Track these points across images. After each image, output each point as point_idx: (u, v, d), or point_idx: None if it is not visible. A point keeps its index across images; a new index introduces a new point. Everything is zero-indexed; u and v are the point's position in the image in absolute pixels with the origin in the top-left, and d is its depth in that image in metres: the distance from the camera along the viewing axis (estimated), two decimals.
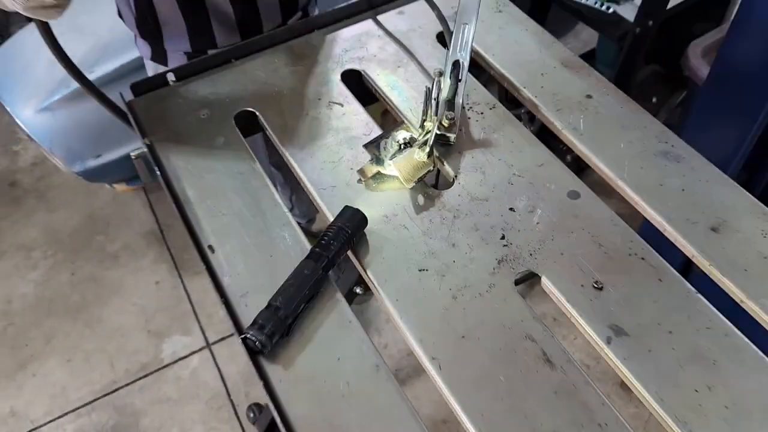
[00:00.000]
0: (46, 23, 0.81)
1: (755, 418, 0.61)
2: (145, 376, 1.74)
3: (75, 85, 1.59)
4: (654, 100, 2.17)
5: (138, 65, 1.57)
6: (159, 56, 1.16)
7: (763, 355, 0.64)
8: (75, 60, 1.60)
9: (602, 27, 1.81)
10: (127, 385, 1.73)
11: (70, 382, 1.74)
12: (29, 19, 1.35)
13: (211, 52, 1.13)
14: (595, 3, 1.80)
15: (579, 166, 0.95)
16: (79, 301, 1.89)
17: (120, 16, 1.16)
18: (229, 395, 1.71)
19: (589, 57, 2.26)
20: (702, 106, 1.41)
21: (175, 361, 1.76)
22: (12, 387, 1.74)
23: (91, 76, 1.55)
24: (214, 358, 1.77)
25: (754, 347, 0.65)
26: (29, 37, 1.66)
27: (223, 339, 1.81)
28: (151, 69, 1.21)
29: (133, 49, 1.56)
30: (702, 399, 0.62)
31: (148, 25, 1.11)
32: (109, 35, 1.59)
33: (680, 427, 0.60)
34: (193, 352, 1.78)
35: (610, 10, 1.78)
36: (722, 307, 0.68)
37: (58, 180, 2.21)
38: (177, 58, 1.15)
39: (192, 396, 1.70)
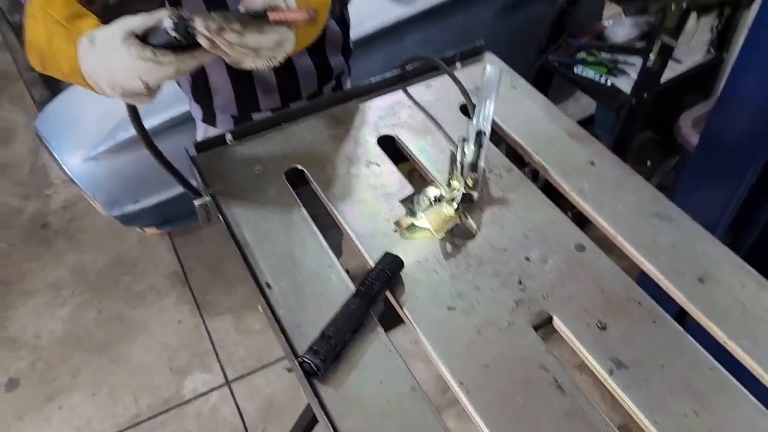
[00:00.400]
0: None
1: None
2: (167, 410, 1.82)
3: (120, 138, 1.75)
4: (648, 163, 2.33)
5: (179, 121, 1.73)
6: (209, 118, 1.30)
7: (742, 387, 0.76)
8: (122, 114, 1.76)
9: (601, 97, 1.98)
10: (149, 419, 1.81)
11: (95, 415, 1.82)
12: None
13: (255, 115, 1.27)
14: (595, 75, 1.97)
15: (580, 221, 1.08)
16: (105, 337, 1.99)
17: (177, 82, 1.30)
18: (246, 431, 1.78)
19: (588, 122, 2.43)
20: (692, 172, 1.56)
21: (196, 397, 1.85)
22: (40, 419, 1.82)
23: None
24: (233, 395, 1.85)
25: (735, 380, 0.76)
26: (79, 94, 1.81)
27: (241, 377, 1.90)
28: (201, 129, 1.35)
29: (175, 107, 1.72)
30: (690, 423, 0.73)
31: (201, 92, 1.24)
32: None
33: None
34: (213, 389, 1.87)
35: (609, 83, 1.95)
36: (708, 345, 0.80)
37: (87, 223, 2.34)
38: (225, 120, 1.29)
39: (211, 431, 1.77)
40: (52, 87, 1.89)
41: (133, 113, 0.96)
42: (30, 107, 2.88)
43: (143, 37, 0.76)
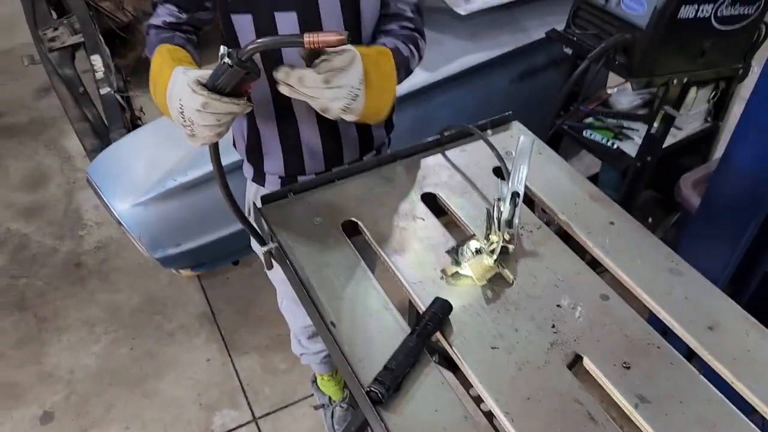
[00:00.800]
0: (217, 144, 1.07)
1: None
2: None
3: (167, 186, 1.88)
4: (650, 220, 2.47)
5: (228, 170, 1.87)
6: (259, 178, 1.42)
7: (749, 421, 0.88)
8: (170, 164, 1.92)
9: (608, 159, 2.14)
10: None
11: None
12: (128, 130, 1.77)
13: (300, 177, 1.40)
14: (602, 139, 2.14)
15: (594, 266, 1.20)
16: (137, 373, 2.08)
17: (234, 145, 1.44)
18: None
19: (593, 180, 2.59)
20: (694, 230, 1.70)
21: None
22: None
23: (185, 179, 1.86)
24: None
25: (742, 415, 0.88)
26: (129, 144, 1.96)
27: (268, 414, 1.98)
28: (252, 188, 1.47)
29: (225, 157, 1.87)
30: None
31: (254, 154, 1.38)
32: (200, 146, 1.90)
33: None
34: (241, 426, 1.95)
35: (615, 146, 2.12)
36: (718, 384, 0.92)
37: (119, 263, 2.46)
38: (273, 180, 1.41)
39: None
40: (102, 137, 2.04)
41: (215, 150, 1.09)
42: (63, 152, 3.04)
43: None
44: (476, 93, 2.19)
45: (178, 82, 0.97)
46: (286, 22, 1.16)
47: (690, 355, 0.99)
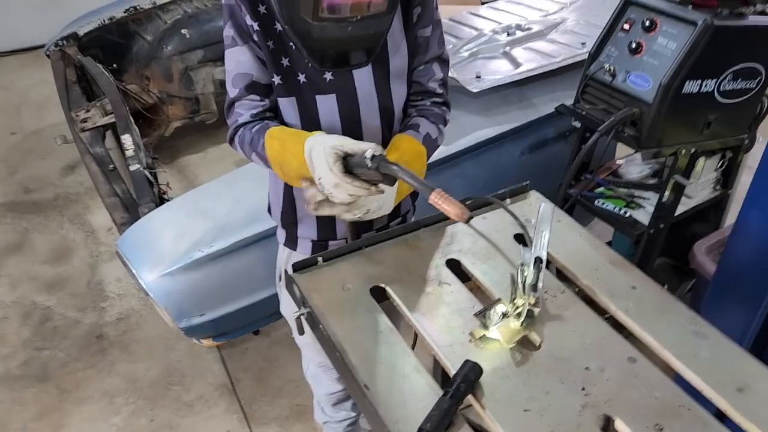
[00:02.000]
0: None
1: None
2: None
3: (193, 257, 1.94)
4: (665, 287, 2.49)
5: (245, 244, 1.93)
6: (291, 242, 1.49)
7: None
8: (196, 236, 1.98)
9: (620, 227, 2.18)
10: None
11: None
12: (156, 204, 1.89)
13: (331, 242, 1.46)
14: (614, 208, 2.19)
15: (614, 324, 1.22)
16: None
17: (269, 210, 1.51)
18: None
19: None
20: (712, 297, 1.72)
21: None
22: None
23: (211, 250, 1.91)
24: None
25: None
26: (157, 217, 2.03)
27: None
28: (285, 252, 1.53)
29: (244, 230, 1.93)
30: None
31: (288, 219, 1.45)
32: (226, 218, 1.97)
33: None
34: None
35: (627, 215, 2.17)
36: None
37: (139, 334, 2.48)
38: (304, 245, 1.47)
39: None
40: (131, 211, 2.12)
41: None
42: (87, 227, 3.13)
43: (345, 156, 1.11)
44: (488, 165, 2.28)
45: (315, 155, 1.12)
46: (326, 103, 1.28)
47: (720, 416, 0.99)
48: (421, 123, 1.35)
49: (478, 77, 2.22)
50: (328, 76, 1.25)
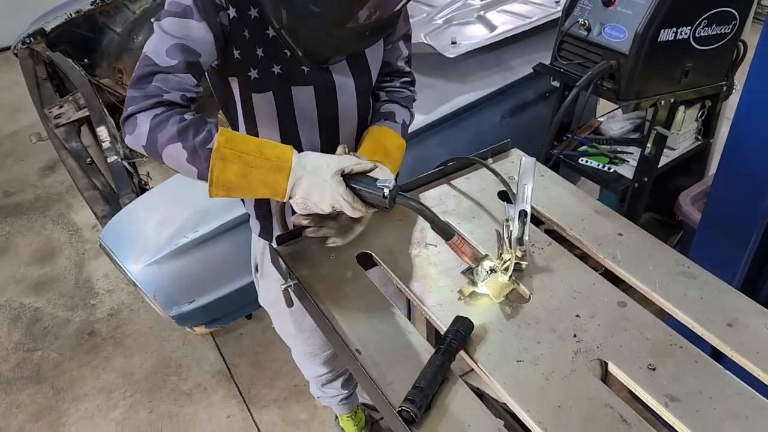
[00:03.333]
0: None
1: None
2: None
3: (178, 243, 1.91)
4: None
5: (228, 227, 1.91)
6: (266, 234, 1.40)
7: None
8: (180, 222, 1.95)
9: (605, 183, 2.19)
10: None
11: None
12: (137, 195, 1.79)
13: None
14: (598, 165, 2.19)
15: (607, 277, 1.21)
16: None
17: (242, 200, 1.45)
18: None
19: None
20: (699, 244, 1.73)
21: None
22: None
23: (196, 235, 1.89)
24: None
25: None
26: (139, 207, 2.00)
27: None
28: (260, 243, 1.45)
29: (224, 215, 1.91)
30: None
31: (262, 210, 1.37)
32: (208, 203, 1.94)
33: None
34: None
35: (611, 171, 2.17)
36: (744, 378, 0.93)
37: (132, 328, 2.46)
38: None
39: None
40: (112, 203, 2.08)
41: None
42: (71, 225, 3.08)
43: (346, 175, 1.03)
44: (469, 131, 2.26)
45: (320, 194, 1.02)
46: (303, 94, 1.19)
47: (714, 351, 1.00)
48: (396, 111, 1.32)
49: (453, 43, 2.20)
50: (306, 68, 1.16)
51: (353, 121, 1.28)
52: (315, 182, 1.02)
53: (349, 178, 1.03)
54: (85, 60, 3.20)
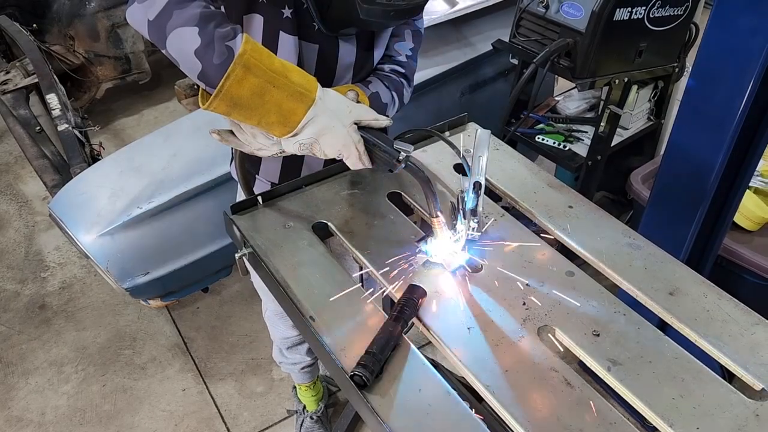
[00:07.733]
0: None
1: (714, 413, 0.88)
2: None
3: (132, 213, 1.88)
4: None
5: (185, 198, 1.88)
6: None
7: (714, 374, 0.93)
8: (134, 193, 1.92)
9: (560, 161, 2.23)
10: None
11: None
12: (89, 164, 1.70)
13: None
14: (554, 143, 2.23)
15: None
16: (110, 409, 2.02)
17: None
18: None
19: None
20: (647, 221, 1.78)
21: None
22: None
23: (150, 206, 1.86)
24: None
25: (707, 368, 0.94)
26: (91, 176, 1.95)
27: None
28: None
29: (183, 184, 1.88)
30: (677, 404, 0.89)
31: (250, 160, 1.35)
32: (163, 173, 1.91)
33: (665, 421, 0.87)
34: None
35: (566, 148, 2.21)
36: (683, 343, 0.97)
37: (84, 302, 2.41)
38: (262, 186, 1.41)
39: None
40: (63, 173, 2.02)
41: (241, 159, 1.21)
42: (20, 197, 2.98)
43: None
44: (429, 107, 2.27)
45: (332, 136, 0.99)
46: (308, 51, 1.19)
47: (660, 321, 1.04)
48: (373, 81, 1.31)
49: None
50: (317, 25, 1.16)
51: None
52: (331, 124, 0.97)
53: (361, 130, 1.03)
54: (34, 25, 3.08)
